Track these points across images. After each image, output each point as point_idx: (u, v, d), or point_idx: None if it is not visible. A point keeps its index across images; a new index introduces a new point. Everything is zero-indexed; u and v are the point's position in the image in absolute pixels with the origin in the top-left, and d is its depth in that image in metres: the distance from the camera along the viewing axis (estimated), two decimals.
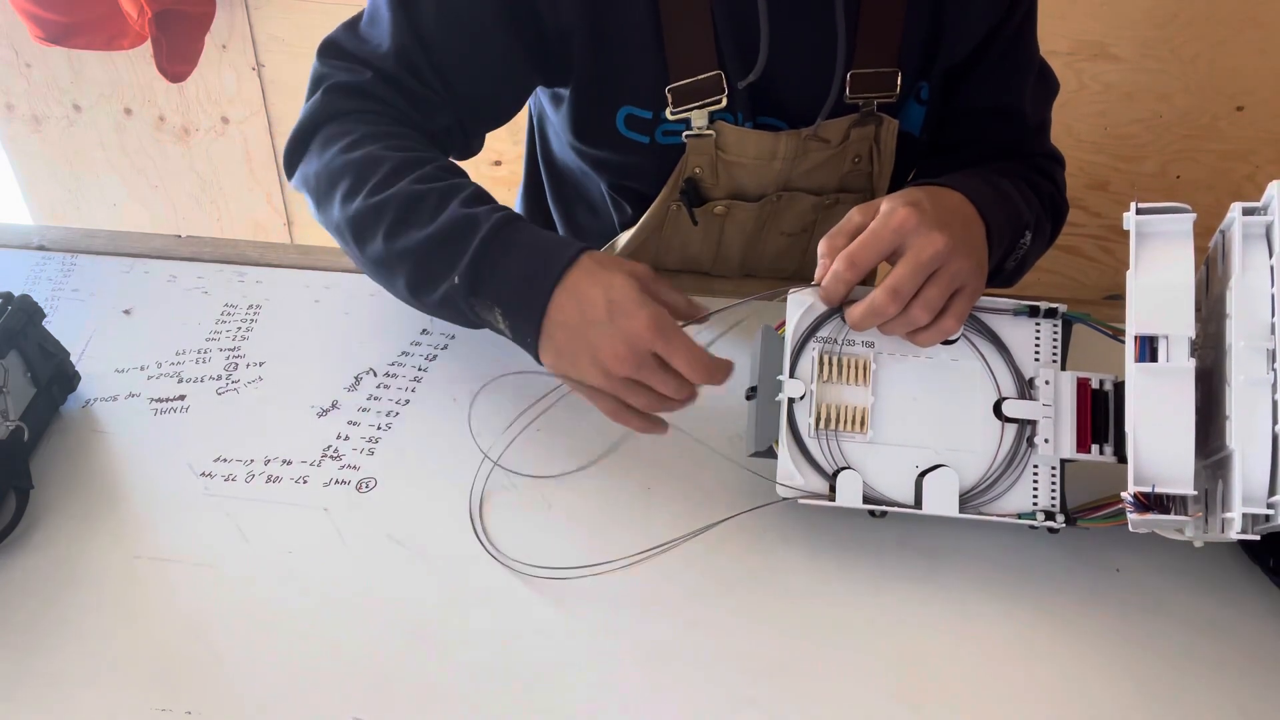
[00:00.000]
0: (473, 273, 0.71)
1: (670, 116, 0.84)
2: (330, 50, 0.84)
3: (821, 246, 0.70)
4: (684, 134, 0.86)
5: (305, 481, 0.76)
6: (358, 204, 0.75)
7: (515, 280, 0.71)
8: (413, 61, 0.81)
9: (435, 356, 0.86)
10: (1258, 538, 0.57)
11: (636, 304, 0.67)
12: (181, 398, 0.83)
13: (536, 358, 0.72)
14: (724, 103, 0.83)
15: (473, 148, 0.90)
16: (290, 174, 0.83)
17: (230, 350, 0.87)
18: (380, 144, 0.78)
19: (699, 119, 0.85)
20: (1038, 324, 0.72)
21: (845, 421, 0.70)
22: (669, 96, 0.83)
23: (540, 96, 0.95)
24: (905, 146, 0.92)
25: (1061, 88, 0.96)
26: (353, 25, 0.84)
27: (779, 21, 0.80)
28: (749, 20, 0.80)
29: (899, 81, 0.86)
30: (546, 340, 0.70)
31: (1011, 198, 0.82)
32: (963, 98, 0.91)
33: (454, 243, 0.72)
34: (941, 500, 0.69)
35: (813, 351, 0.71)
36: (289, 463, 0.77)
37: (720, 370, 0.68)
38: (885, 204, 0.70)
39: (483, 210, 0.73)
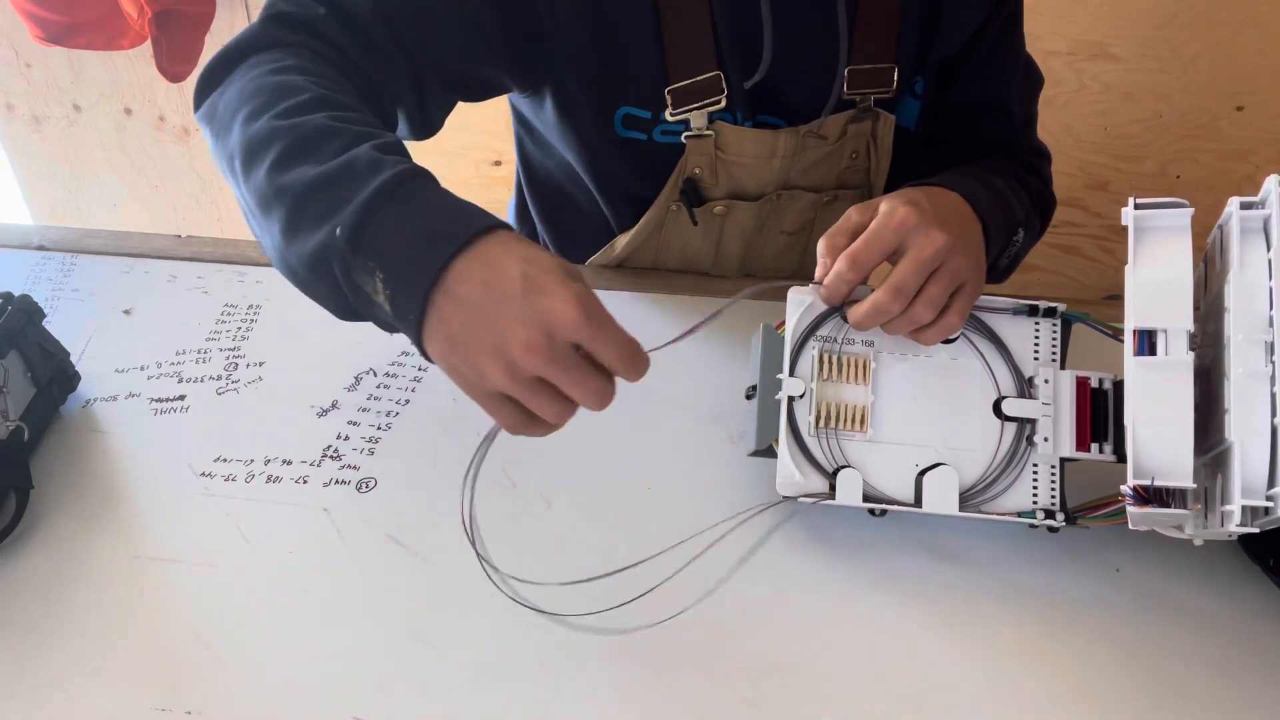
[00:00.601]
0: (358, 222, 0.56)
1: (669, 118, 0.84)
2: None
3: (821, 246, 0.70)
4: (683, 135, 0.86)
5: (305, 481, 0.76)
6: (257, 127, 0.63)
7: (409, 237, 0.56)
8: (388, 7, 0.73)
9: None
10: (1257, 530, 0.57)
11: (559, 280, 0.54)
12: (181, 398, 0.83)
13: (420, 344, 0.57)
14: (723, 103, 0.83)
15: (426, 127, 0.81)
16: (198, 107, 0.71)
17: (230, 350, 0.87)
18: (309, 78, 0.67)
19: (698, 119, 0.85)
20: (1037, 323, 0.72)
21: (845, 420, 0.70)
22: (668, 98, 0.83)
23: (522, 108, 0.94)
24: (901, 141, 0.92)
25: (1061, 88, 0.97)
26: None
27: (781, 21, 0.80)
28: (750, 20, 0.80)
29: (895, 77, 0.86)
30: (435, 321, 0.55)
31: (1005, 196, 0.82)
32: (954, 92, 0.91)
33: (345, 185, 0.58)
34: (941, 499, 0.69)
35: (812, 350, 0.72)
36: (289, 463, 0.77)
37: (644, 362, 0.56)
38: (885, 204, 0.69)
39: (393, 158, 0.59)
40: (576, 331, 0.53)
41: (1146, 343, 0.59)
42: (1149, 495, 0.58)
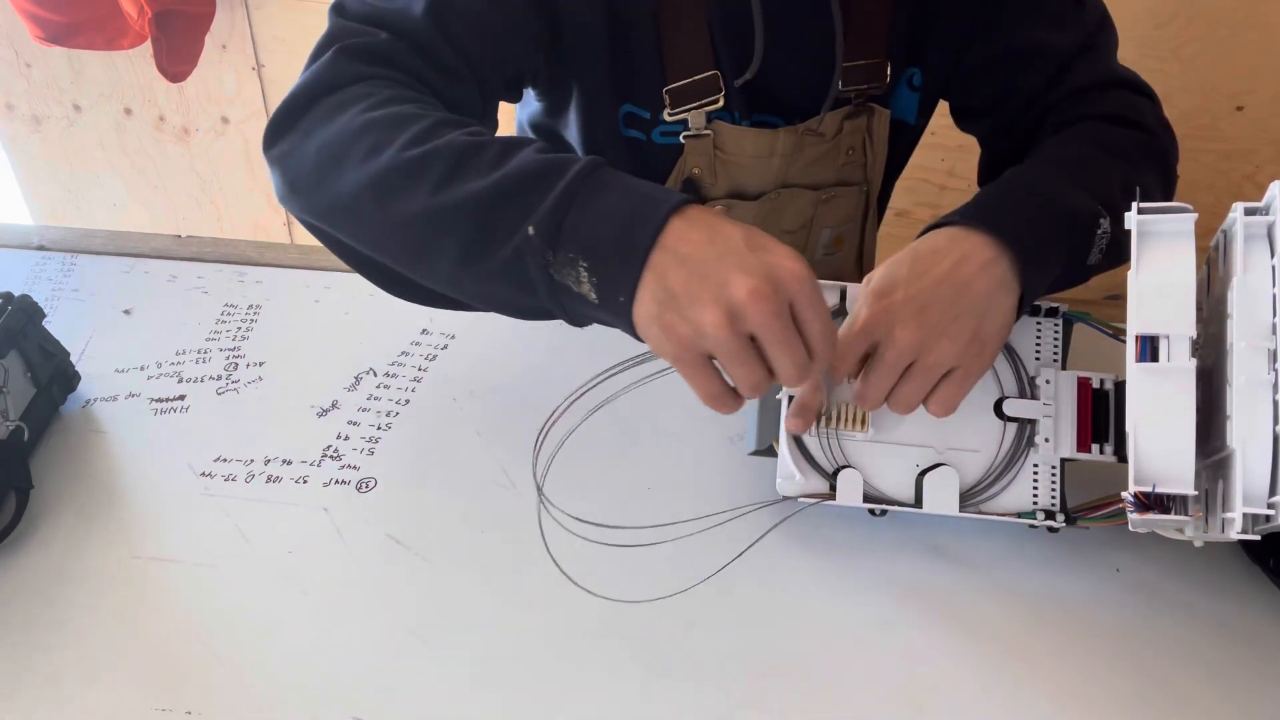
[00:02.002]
0: (553, 219, 0.57)
1: (668, 118, 0.84)
2: (342, 9, 0.73)
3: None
4: (682, 135, 0.86)
5: (305, 481, 0.76)
6: (387, 160, 0.62)
7: (613, 217, 0.57)
8: (445, 22, 0.71)
9: (435, 356, 0.86)
10: (1258, 538, 0.57)
11: (774, 240, 0.56)
12: (181, 398, 0.83)
13: (629, 316, 0.57)
14: (721, 103, 0.83)
15: (490, 129, 0.79)
16: (273, 144, 0.69)
17: (230, 350, 0.87)
18: (414, 105, 0.66)
19: (696, 119, 0.85)
20: (1038, 323, 0.72)
21: (845, 420, 0.70)
22: (666, 98, 0.83)
23: (534, 111, 0.94)
24: (899, 134, 0.92)
25: None
26: None
27: (773, 18, 0.80)
28: (743, 19, 0.80)
29: (888, 72, 0.86)
30: (652, 282, 0.55)
31: (1064, 199, 0.70)
32: (975, 55, 0.86)
33: (530, 189, 0.58)
34: (942, 499, 0.69)
35: None
36: (289, 463, 0.77)
37: (834, 346, 0.58)
38: (860, 302, 0.65)
39: (567, 155, 0.60)
40: (800, 286, 0.54)
41: (1149, 348, 0.59)
42: (1150, 502, 0.58)
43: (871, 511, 0.70)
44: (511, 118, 0.99)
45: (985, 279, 0.65)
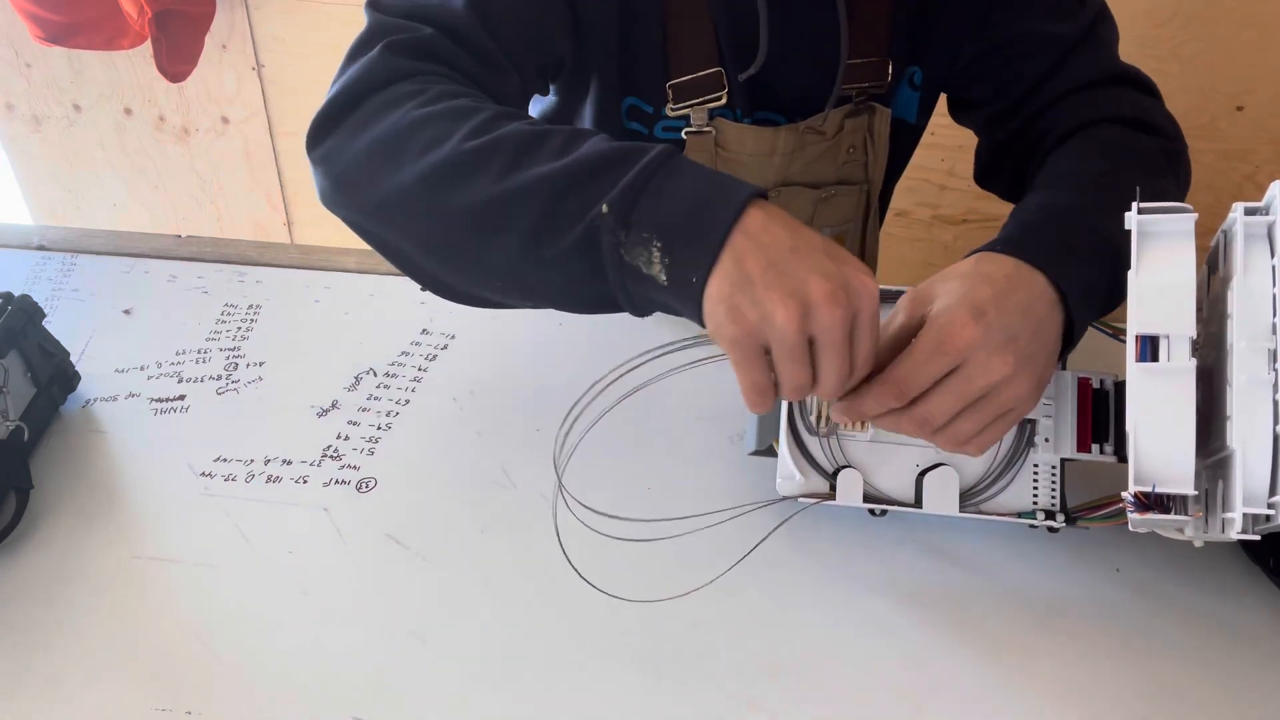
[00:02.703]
0: (628, 199, 0.57)
1: (670, 113, 0.84)
2: (379, 4, 0.72)
3: (858, 369, 0.61)
4: (683, 131, 0.86)
5: (305, 481, 0.76)
6: (448, 151, 0.62)
7: (691, 199, 0.57)
8: (485, 14, 0.71)
9: (435, 356, 0.86)
10: (1258, 538, 0.57)
11: (858, 260, 0.56)
12: (181, 398, 0.83)
13: (699, 298, 0.56)
14: (724, 99, 0.84)
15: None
16: (316, 146, 0.68)
17: (230, 350, 0.87)
18: (466, 99, 0.66)
19: (698, 116, 0.85)
20: None
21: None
22: (669, 92, 0.83)
23: (550, 104, 0.94)
24: (900, 133, 0.92)
25: None
26: None
27: (778, 15, 0.80)
28: (747, 16, 0.80)
29: (889, 71, 0.86)
30: (729, 263, 0.55)
31: (1115, 236, 0.63)
32: (975, 47, 0.86)
33: (604, 172, 0.58)
34: (942, 499, 0.69)
35: None
36: (289, 463, 0.77)
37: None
38: (942, 310, 0.59)
39: (639, 143, 0.60)
40: (870, 303, 0.55)
41: (1149, 348, 0.59)
42: (1150, 502, 0.58)
43: (871, 511, 0.70)
44: None
45: (1053, 323, 0.62)
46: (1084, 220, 0.67)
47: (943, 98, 0.94)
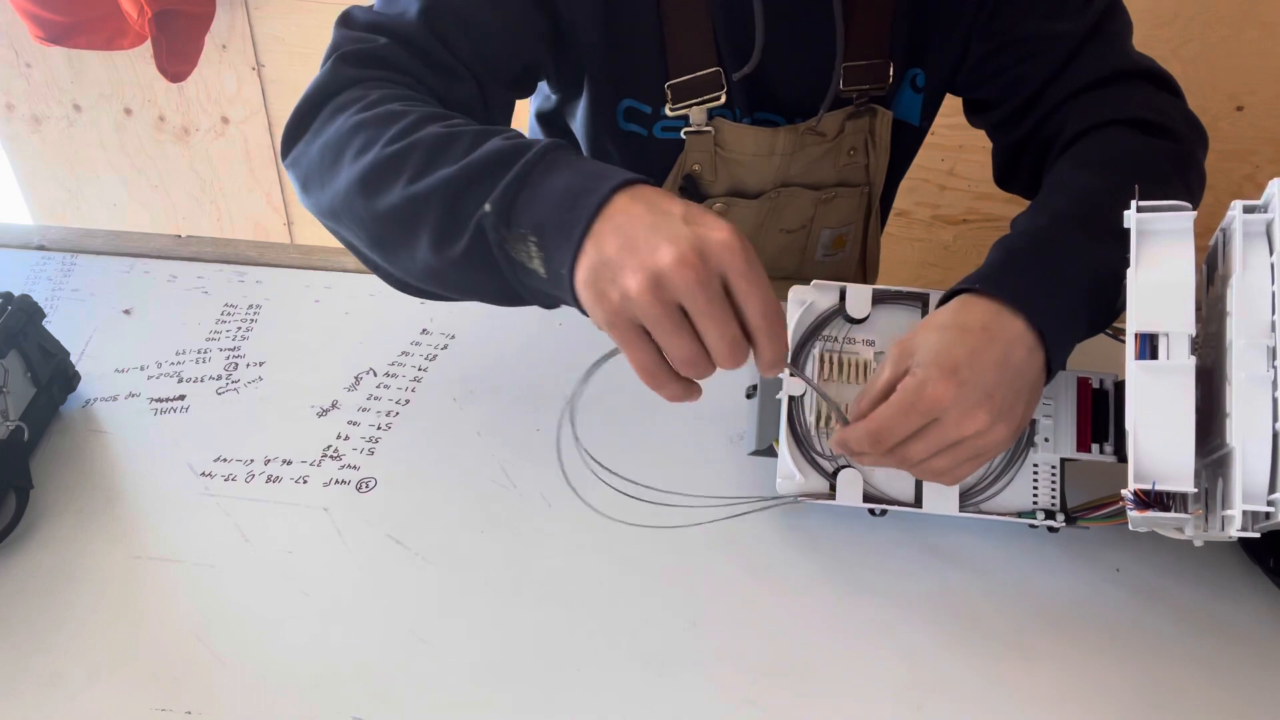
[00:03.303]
0: (506, 197, 0.59)
1: (669, 113, 0.84)
2: (346, 20, 0.76)
3: (854, 405, 0.66)
4: (682, 131, 0.86)
5: (305, 481, 0.76)
6: (372, 157, 0.65)
7: (563, 192, 0.58)
8: (439, 23, 0.74)
9: (435, 356, 0.86)
10: (1258, 535, 0.56)
11: (718, 217, 0.56)
12: (181, 398, 0.83)
13: (571, 287, 0.57)
14: (722, 99, 0.84)
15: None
16: (286, 153, 0.73)
17: (230, 350, 0.87)
18: (402, 103, 0.69)
19: (697, 115, 0.85)
20: None
21: (846, 419, 0.70)
22: (668, 93, 0.83)
23: (546, 104, 0.94)
24: (903, 136, 0.92)
25: None
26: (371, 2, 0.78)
27: (774, 14, 0.80)
28: (744, 15, 0.80)
29: (890, 72, 0.86)
30: (592, 249, 0.56)
31: (1104, 264, 0.65)
32: (980, 49, 0.85)
33: (492, 172, 0.60)
34: (941, 499, 0.69)
35: (813, 350, 0.71)
36: (289, 463, 0.77)
37: (782, 327, 0.56)
38: (918, 367, 0.62)
39: (531, 140, 0.62)
40: (731, 258, 0.53)
41: (1148, 347, 0.59)
42: (1150, 499, 0.58)
43: (871, 511, 0.70)
44: (523, 112, 0.99)
45: (1032, 366, 0.64)
46: (1069, 250, 0.67)
47: (955, 101, 0.94)
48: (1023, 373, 0.63)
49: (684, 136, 0.86)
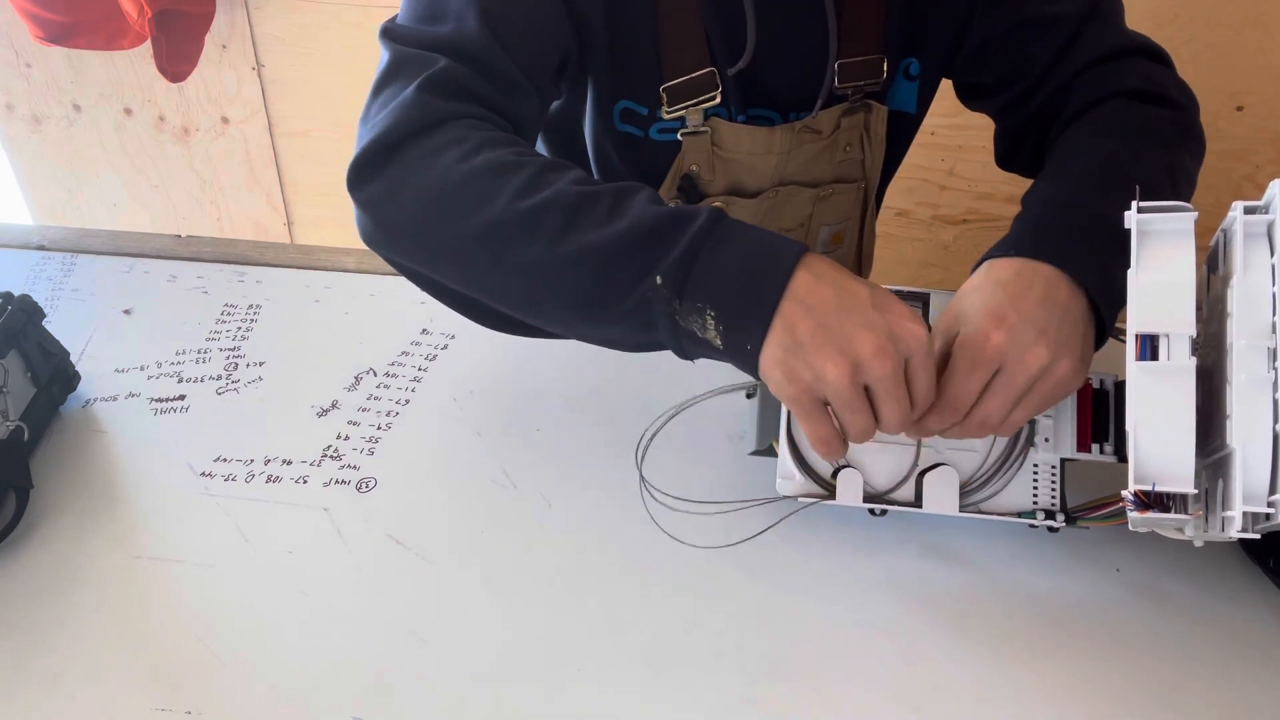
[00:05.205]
0: (680, 271, 0.59)
1: (665, 115, 0.84)
2: (394, 35, 0.72)
3: (913, 395, 0.63)
4: (679, 132, 0.86)
5: (305, 481, 0.76)
6: (499, 210, 0.63)
7: (740, 269, 0.59)
8: (497, 28, 0.72)
9: (435, 356, 0.86)
10: (1258, 536, 0.56)
11: (897, 301, 0.59)
12: (181, 398, 0.83)
13: (754, 362, 0.59)
14: (718, 99, 0.84)
15: (542, 130, 0.81)
16: (364, 184, 0.68)
17: (230, 350, 0.87)
18: (507, 149, 0.67)
19: (694, 117, 0.85)
20: None
21: None
22: (663, 95, 0.83)
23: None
24: (899, 124, 0.92)
25: None
26: (402, 18, 0.75)
27: (765, 10, 0.80)
28: (736, 13, 0.80)
29: (884, 68, 0.86)
30: (781, 328, 0.58)
31: (1113, 216, 0.63)
32: (980, 32, 0.85)
33: (654, 241, 0.60)
34: (942, 499, 0.69)
35: None
36: (289, 463, 0.77)
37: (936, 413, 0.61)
38: (967, 327, 0.62)
39: (685, 207, 0.63)
40: (919, 345, 0.58)
41: (1149, 347, 0.59)
42: (1150, 500, 0.58)
43: (871, 511, 0.70)
44: None
45: (1077, 304, 0.64)
46: (1087, 210, 0.68)
47: (957, 101, 0.94)
48: (1070, 309, 0.63)
49: (680, 138, 0.86)
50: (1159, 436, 0.58)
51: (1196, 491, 0.58)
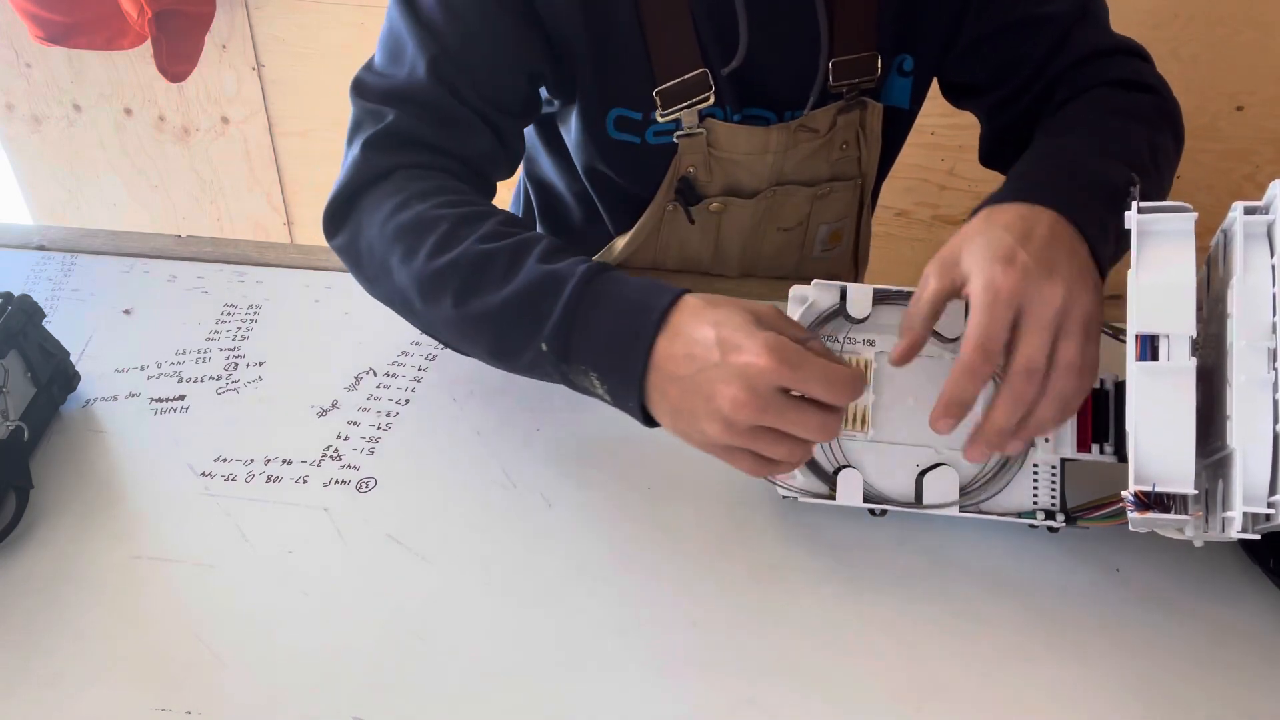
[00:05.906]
0: (561, 337, 0.64)
1: (660, 119, 0.84)
2: (359, 89, 0.79)
3: (904, 321, 0.65)
4: (675, 135, 0.86)
5: (305, 481, 0.76)
6: (416, 268, 0.70)
7: (609, 338, 0.63)
8: (445, 74, 0.76)
9: (435, 356, 0.86)
10: (1258, 536, 0.57)
11: (746, 333, 0.59)
12: (181, 398, 0.83)
13: (647, 422, 0.65)
14: (711, 99, 0.83)
15: (514, 161, 0.85)
16: (332, 236, 0.78)
17: (230, 350, 0.87)
18: (430, 202, 0.73)
19: (689, 118, 0.85)
20: None
21: (846, 420, 0.70)
22: (657, 99, 0.83)
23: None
24: (894, 121, 0.92)
25: None
26: (374, 61, 0.81)
27: (757, 9, 0.80)
28: (726, 11, 0.80)
29: (879, 65, 0.86)
30: (656, 398, 0.62)
31: (1110, 175, 0.69)
32: (972, 31, 0.86)
33: (536, 305, 0.65)
34: (942, 499, 0.69)
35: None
36: (289, 463, 0.77)
37: (860, 380, 0.60)
38: (979, 270, 0.61)
39: (564, 265, 0.66)
40: (775, 378, 0.57)
41: (1149, 348, 0.59)
42: (1150, 501, 0.58)
43: (871, 511, 0.70)
44: None
45: (1081, 248, 0.64)
46: (1083, 166, 0.70)
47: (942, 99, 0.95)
48: (1075, 250, 0.63)
49: (676, 141, 0.86)
50: (1159, 437, 0.58)
51: (1196, 492, 0.58)
